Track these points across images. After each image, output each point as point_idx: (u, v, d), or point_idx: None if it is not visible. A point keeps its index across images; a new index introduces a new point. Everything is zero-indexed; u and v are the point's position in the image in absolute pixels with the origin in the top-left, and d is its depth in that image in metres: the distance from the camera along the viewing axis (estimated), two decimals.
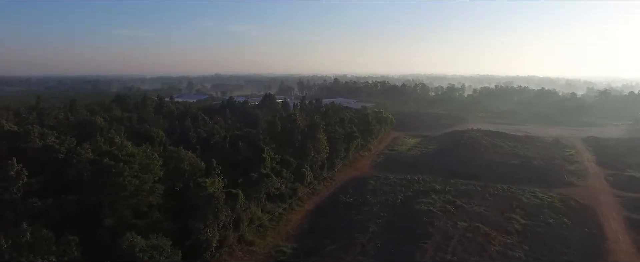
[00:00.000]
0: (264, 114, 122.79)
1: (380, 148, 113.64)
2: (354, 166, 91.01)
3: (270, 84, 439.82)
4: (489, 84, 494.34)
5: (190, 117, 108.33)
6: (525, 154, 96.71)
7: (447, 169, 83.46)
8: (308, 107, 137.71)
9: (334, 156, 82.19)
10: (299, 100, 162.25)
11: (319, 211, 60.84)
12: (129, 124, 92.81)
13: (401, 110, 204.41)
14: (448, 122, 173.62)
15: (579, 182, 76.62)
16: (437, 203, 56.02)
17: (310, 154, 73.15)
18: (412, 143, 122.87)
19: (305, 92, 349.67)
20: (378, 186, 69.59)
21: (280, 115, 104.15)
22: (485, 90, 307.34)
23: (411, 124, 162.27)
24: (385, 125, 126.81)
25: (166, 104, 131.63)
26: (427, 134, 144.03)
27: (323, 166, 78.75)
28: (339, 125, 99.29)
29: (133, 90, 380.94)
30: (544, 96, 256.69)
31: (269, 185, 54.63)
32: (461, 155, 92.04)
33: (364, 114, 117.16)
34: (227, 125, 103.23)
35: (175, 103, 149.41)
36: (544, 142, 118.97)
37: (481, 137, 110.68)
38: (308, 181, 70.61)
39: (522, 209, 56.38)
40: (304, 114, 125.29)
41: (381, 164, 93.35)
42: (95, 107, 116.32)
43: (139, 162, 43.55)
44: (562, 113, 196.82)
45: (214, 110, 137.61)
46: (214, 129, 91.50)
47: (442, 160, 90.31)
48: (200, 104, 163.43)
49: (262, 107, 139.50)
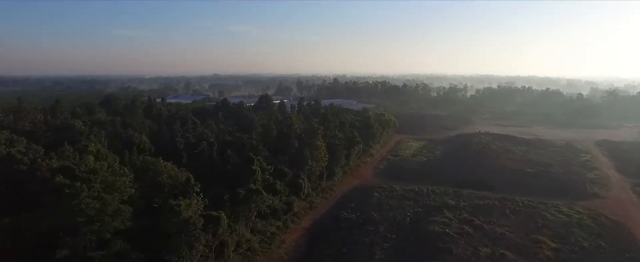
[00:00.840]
0: (260, 116, 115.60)
1: (383, 153, 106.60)
2: (355, 174, 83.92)
3: (268, 84, 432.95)
4: (489, 84, 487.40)
5: (180, 120, 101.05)
6: (540, 160, 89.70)
7: (457, 178, 76.51)
8: (306, 109, 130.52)
9: (333, 164, 75.07)
10: (297, 101, 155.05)
11: (317, 229, 53.74)
12: (112, 128, 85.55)
13: (403, 112, 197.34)
14: (452, 124, 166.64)
15: (603, 193, 69.59)
16: (453, 223, 48.93)
17: (308, 163, 66.06)
18: (416, 147, 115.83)
19: (304, 92, 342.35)
20: (383, 199, 62.48)
21: (276, 118, 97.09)
22: (488, 90, 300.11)
23: (414, 126, 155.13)
24: (388, 128, 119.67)
25: (156, 106, 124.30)
26: (431, 136, 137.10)
27: (322, 176, 71.66)
28: (339, 129, 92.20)
29: (129, 90, 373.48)
30: (549, 97, 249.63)
31: (259, 203, 47.48)
32: (471, 161, 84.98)
33: (366, 116, 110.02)
34: (219, 129, 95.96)
35: (167, 105, 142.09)
36: (556, 146, 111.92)
37: (491, 141, 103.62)
38: (305, 193, 63.54)
39: (549, 228, 49.34)
40: (301, 117, 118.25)
41: (385, 171, 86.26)
42: (78, 109, 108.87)
43: (101, 180, 36.41)
44: (570, 114, 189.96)
45: (207, 113, 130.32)
46: (203, 134, 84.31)
47: (450, 167, 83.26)
48: (194, 106, 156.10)
49: (258, 109, 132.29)
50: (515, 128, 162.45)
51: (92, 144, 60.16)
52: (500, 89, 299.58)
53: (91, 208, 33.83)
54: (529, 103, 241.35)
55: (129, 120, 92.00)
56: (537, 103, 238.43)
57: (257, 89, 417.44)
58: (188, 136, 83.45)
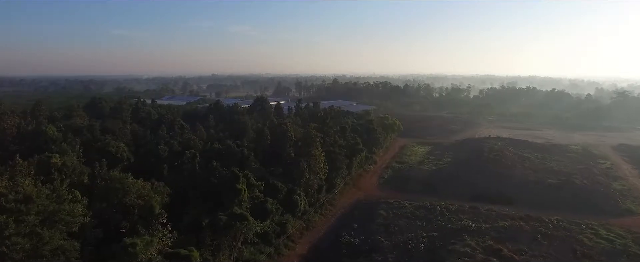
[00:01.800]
0: (254, 120, 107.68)
1: (387, 159, 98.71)
2: (357, 185, 76.04)
3: (267, 84, 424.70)
4: (491, 84, 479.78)
5: (167, 124, 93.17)
6: (560, 168, 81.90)
7: (471, 191, 68.67)
8: (304, 112, 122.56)
9: (333, 175, 67.20)
10: (295, 102, 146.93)
11: (315, 256, 45.94)
12: (90, 134, 77.64)
13: (405, 114, 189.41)
14: (458, 127, 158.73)
15: (637, 209, 61.80)
16: (477, 253, 41.08)
17: (305, 176, 58.17)
18: (422, 153, 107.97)
19: (303, 93, 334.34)
20: (390, 217, 54.58)
21: (271, 123, 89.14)
22: (492, 91, 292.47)
23: (418, 129, 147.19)
24: (392, 133, 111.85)
25: (143, 109, 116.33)
26: (437, 141, 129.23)
27: (321, 189, 63.76)
28: (340, 135, 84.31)
29: (125, 91, 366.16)
30: (556, 98, 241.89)
31: (244, 230, 39.57)
32: (485, 171, 77.09)
33: (368, 120, 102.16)
34: (209, 135, 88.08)
35: (157, 107, 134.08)
36: (572, 151, 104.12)
37: (504, 147, 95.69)
38: (301, 211, 55.64)
39: (591, 258, 41.50)
40: (299, 120, 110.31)
41: (390, 181, 78.37)
42: (56, 113, 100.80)
43: (38, 211, 28.52)
44: (579, 116, 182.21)
45: (198, 115, 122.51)
46: (191, 141, 76.42)
47: (463, 177, 75.38)
48: (186, 108, 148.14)
49: (253, 111, 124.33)
50: (524, 131, 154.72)
51: (56, 156, 52.62)
52: (504, 90, 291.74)
53: (19, 250, 25.89)
54: (536, 104, 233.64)
55: (110, 125, 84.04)
56: (544, 104, 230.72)
57: (255, 90, 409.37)
58: (173, 142, 75.59)
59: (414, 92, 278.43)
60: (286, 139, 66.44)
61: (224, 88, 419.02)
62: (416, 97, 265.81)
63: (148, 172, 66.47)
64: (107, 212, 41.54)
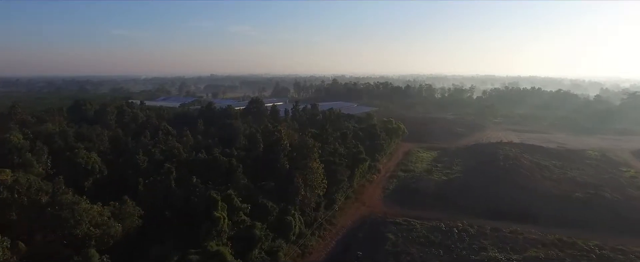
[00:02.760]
0: (247, 125, 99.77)
1: (391, 167, 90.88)
2: (360, 198, 68.13)
3: (265, 85, 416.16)
4: (492, 84, 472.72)
5: (152, 129, 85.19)
6: (583, 179, 74.10)
7: (489, 206, 60.93)
8: (302, 115, 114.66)
9: (334, 190, 59.34)
10: (293, 104, 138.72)
11: None
12: (62, 142, 69.72)
13: (408, 116, 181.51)
14: (463, 130, 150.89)
15: None
16: None
17: (300, 193, 50.31)
18: (428, 159, 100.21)
19: (302, 93, 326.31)
20: (400, 243, 46.67)
21: (265, 128, 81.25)
22: (496, 92, 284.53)
23: (422, 132, 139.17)
24: (396, 138, 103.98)
25: (128, 112, 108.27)
26: (443, 145, 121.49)
27: (319, 206, 55.92)
28: (340, 141, 76.48)
29: (121, 91, 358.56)
30: (562, 99, 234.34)
31: None
32: (502, 182, 69.28)
33: (371, 125, 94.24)
34: (196, 141, 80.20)
35: (145, 109, 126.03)
36: (591, 158, 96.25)
37: (519, 154, 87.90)
38: (296, 234, 47.76)
39: None
40: (296, 125, 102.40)
41: (396, 194, 70.47)
42: (31, 118, 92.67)
43: None
44: (590, 118, 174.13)
45: (189, 118, 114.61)
46: (174, 149, 68.56)
47: (478, 189, 67.55)
48: (177, 110, 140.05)
49: (247, 114, 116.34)
50: (533, 134, 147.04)
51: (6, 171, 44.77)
52: (508, 91, 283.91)
53: None
54: (541, 105, 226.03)
55: (87, 132, 75.98)
56: (550, 105, 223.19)
57: (253, 90, 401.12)
58: (155, 151, 67.70)
59: (416, 93, 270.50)
60: (280, 148, 58.57)
61: (221, 89, 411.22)
62: (418, 98, 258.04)
63: (124, 186, 58.68)
64: (54, 246, 33.76)
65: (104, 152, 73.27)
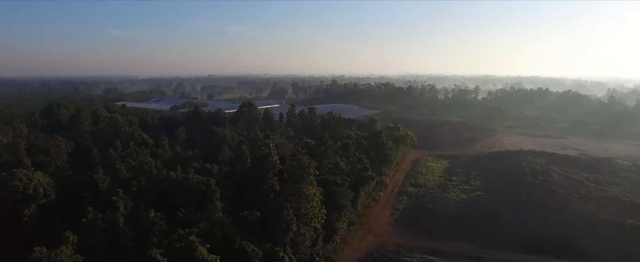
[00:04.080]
0: (237, 131, 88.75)
1: (399, 180, 79.95)
2: (366, 223, 57.10)
3: (263, 85, 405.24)
4: (494, 84, 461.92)
5: (124, 139, 73.98)
6: (628, 197, 63.17)
7: (523, 235, 50.22)
8: (297, 120, 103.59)
9: (334, 218, 48.36)
10: (289, 107, 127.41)
11: None
12: (10, 156, 58.54)
13: (412, 119, 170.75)
14: (473, 135, 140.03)
15: None
16: None
17: (291, 229, 39.27)
18: (439, 170, 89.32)
19: (300, 94, 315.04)
20: None
21: (255, 137, 70.41)
22: (502, 93, 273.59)
23: (428, 137, 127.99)
24: (403, 146, 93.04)
25: (104, 117, 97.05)
26: (453, 152, 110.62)
27: (315, 241, 44.87)
28: (342, 153, 65.51)
29: (115, 92, 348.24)
30: (572, 100, 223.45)
31: None
32: (535, 204, 58.49)
33: (376, 132, 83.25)
34: (174, 153, 69.11)
35: (126, 113, 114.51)
36: (625, 170, 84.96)
37: (545, 165, 77.05)
38: None
39: None
40: (290, 130, 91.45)
41: (408, 217, 59.54)
42: None
43: None
44: (605, 121, 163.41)
45: (174, 124, 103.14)
46: (145, 165, 57.43)
47: (506, 213, 56.75)
48: (163, 114, 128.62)
49: (237, 119, 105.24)
50: (548, 140, 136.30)
51: None
52: (514, 91, 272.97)
53: None
54: (549, 107, 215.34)
55: (43, 143, 64.68)
56: (560, 107, 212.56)
57: (250, 91, 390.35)
58: (121, 168, 56.55)
59: (419, 94, 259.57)
60: (268, 167, 47.58)
61: (217, 89, 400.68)
62: (421, 99, 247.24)
63: (77, 213, 47.78)
64: None
65: (62, 168, 62.28)
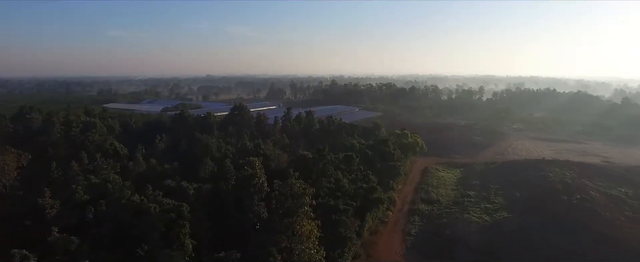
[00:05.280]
0: (225, 138, 78.92)
1: (409, 194, 70.27)
2: (374, 255, 47.25)
3: (261, 86, 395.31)
4: (495, 85, 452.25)
5: (92, 150, 64.09)
6: None
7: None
8: (294, 125, 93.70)
9: (336, 255, 38.56)
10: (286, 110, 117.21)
11: None
12: None
13: (416, 121, 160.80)
14: (483, 140, 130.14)
15: None
16: None
17: None
18: (451, 181, 79.80)
19: (299, 95, 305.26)
20: None
21: (243, 148, 60.62)
22: (507, 93, 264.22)
23: (436, 142, 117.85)
24: (412, 154, 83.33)
25: (77, 123, 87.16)
26: (464, 160, 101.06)
27: None
28: (344, 167, 55.71)
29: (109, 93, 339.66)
30: (583, 101, 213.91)
31: None
32: (575, 230, 48.68)
33: (382, 140, 73.31)
34: (148, 167, 59.25)
35: (106, 118, 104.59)
36: None
37: (577, 179, 67.36)
38: None
39: None
40: (285, 138, 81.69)
41: (424, 245, 49.80)
42: None
43: None
44: (622, 125, 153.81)
45: (158, 129, 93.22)
46: (108, 184, 47.63)
47: (542, 242, 47.00)
48: (148, 118, 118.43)
49: (228, 124, 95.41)
50: (563, 144, 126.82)
51: None
52: (521, 92, 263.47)
53: None
54: (559, 109, 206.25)
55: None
56: (570, 108, 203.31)
57: (248, 92, 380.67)
58: (79, 188, 46.81)
59: (421, 95, 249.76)
60: (253, 191, 37.82)
61: (215, 90, 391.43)
62: (424, 100, 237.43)
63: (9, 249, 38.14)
64: None
65: (13, 187, 52.61)
